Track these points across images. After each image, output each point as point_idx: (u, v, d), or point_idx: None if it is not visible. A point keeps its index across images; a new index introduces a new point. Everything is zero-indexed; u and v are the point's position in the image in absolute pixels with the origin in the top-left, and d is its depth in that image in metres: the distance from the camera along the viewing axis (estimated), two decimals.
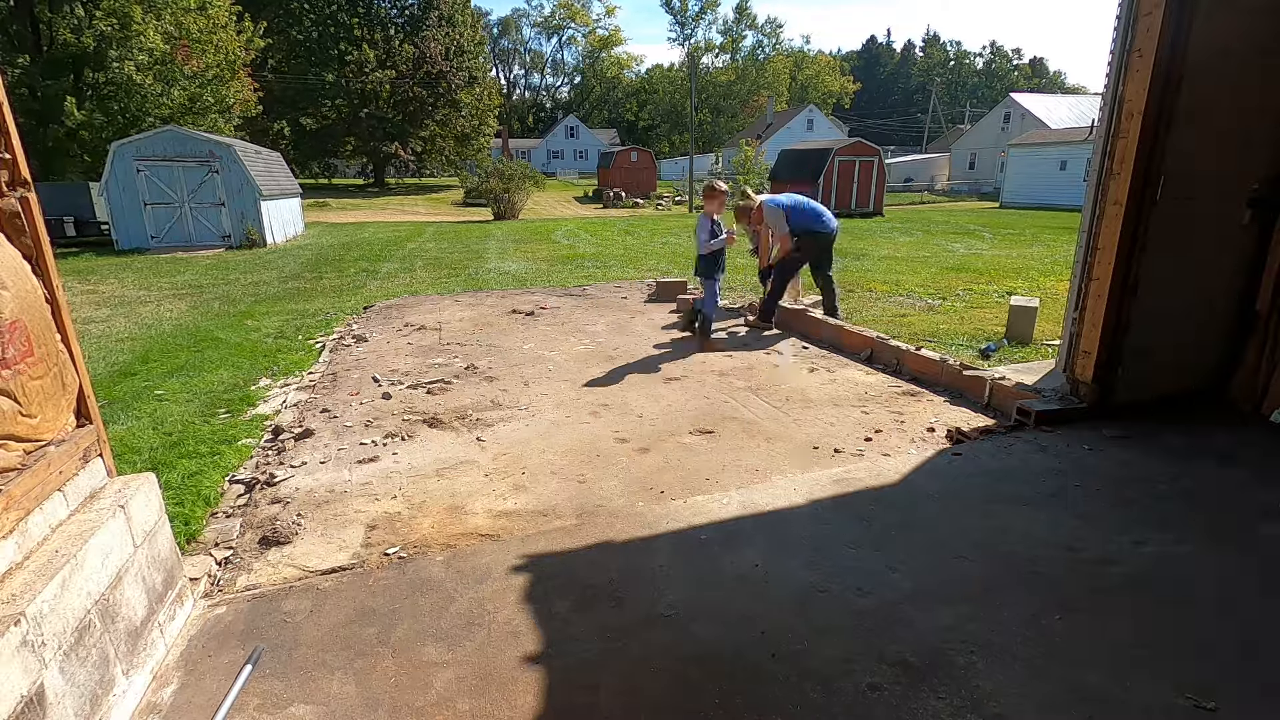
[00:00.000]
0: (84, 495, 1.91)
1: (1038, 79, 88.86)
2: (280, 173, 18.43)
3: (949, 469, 3.23)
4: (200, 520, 2.88)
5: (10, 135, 1.71)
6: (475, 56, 43.01)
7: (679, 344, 5.72)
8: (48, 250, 1.84)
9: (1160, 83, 3.18)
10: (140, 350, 5.92)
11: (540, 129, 75.35)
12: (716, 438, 3.69)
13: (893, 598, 2.25)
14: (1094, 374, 3.65)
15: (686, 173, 34.66)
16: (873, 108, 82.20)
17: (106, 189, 14.40)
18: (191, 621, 2.21)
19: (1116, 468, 3.18)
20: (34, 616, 1.47)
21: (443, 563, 2.52)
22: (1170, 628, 2.09)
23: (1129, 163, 3.31)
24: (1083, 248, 3.66)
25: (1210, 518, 2.73)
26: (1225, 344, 3.83)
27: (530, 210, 27.57)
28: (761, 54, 74.88)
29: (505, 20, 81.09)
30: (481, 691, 1.89)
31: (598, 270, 10.52)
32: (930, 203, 33.18)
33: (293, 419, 4.07)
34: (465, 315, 7.00)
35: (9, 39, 19.34)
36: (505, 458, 3.47)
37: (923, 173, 45.64)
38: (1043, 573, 2.38)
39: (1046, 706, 1.79)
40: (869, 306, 7.30)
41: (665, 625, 2.15)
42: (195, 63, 21.05)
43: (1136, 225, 3.40)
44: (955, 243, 14.02)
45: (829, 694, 1.85)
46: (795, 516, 2.81)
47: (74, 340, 1.93)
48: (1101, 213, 3.49)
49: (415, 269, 11.15)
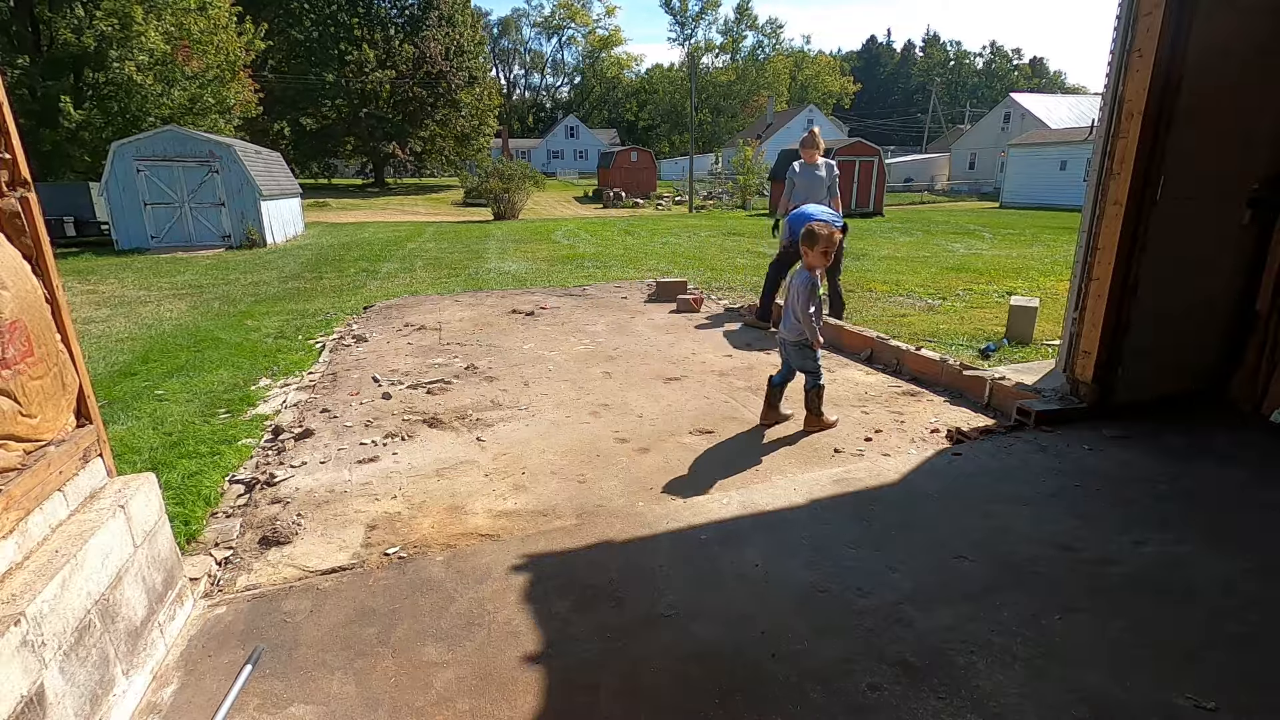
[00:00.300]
0: (84, 495, 1.91)
1: (1038, 79, 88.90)
2: (280, 173, 18.44)
3: (949, 469, 3.23)
4: (200, 520, 2.88)
5: (10, 135, 1.71)
6: (475, 56, 43.04)
7: (679, 344, 5.72)
8: (48, 250, 1.84)
9: (1160, 83, 3.18)
10: (140, 350, 5.92)
11: (540, 129, 75.36)
12: (716, 438, 3.69)
13: (893, 598, 2.25)
14: (1094, 374, 3.65)
15: (686, 173, 34.66)
16: (873, 108, 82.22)
17: (106, 189, 14.41)
18: (191, 621, 2.21)
19: (1116, 468, 3.18)
20: (34, 616, 1.47)
21: (443, 563, 2.52)
22: (1170, 628, 2.09)
23: (1129, 163, 3.31)
24: (1083, 248, 3.65)
25: (1210, 518, 2.73)
26: (1225, 344, 3.83)
27: (530, 210, 27.57)
28: (761, 54, 74.92)
29: (505, 20, 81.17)
30: (481, 691, 1.89)
31: (598, 270, 10.52)
32: (930, 203, 33.18)
33: (293, 419, 4.07)
34: (465, 315, 7.00)
35: (9, 39, 19.34)
36: (505, 458, 3.47)
37: (923, 173, 45.64)
38: (1043, 573, 2.38)
39: (1046, 706, 1.79)
40: (869, 306, 7.30)
41: (665, 625, 2.15)
42: (196, 63, 21.06)
43: (1136, 225, 3.40)
44: (955, 243, 14.02)
45: (829, 694, 1.85)
46: (795, 516, 2.81)
47: (74, 340, 1.93)
48: (1101, 213, 3.49)
49: (415, 269, 11.15)
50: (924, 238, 15.16)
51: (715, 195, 35.13)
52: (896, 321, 6.54)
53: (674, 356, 5.33)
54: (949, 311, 7.04)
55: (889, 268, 10.33)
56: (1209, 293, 3.69)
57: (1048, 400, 3.76)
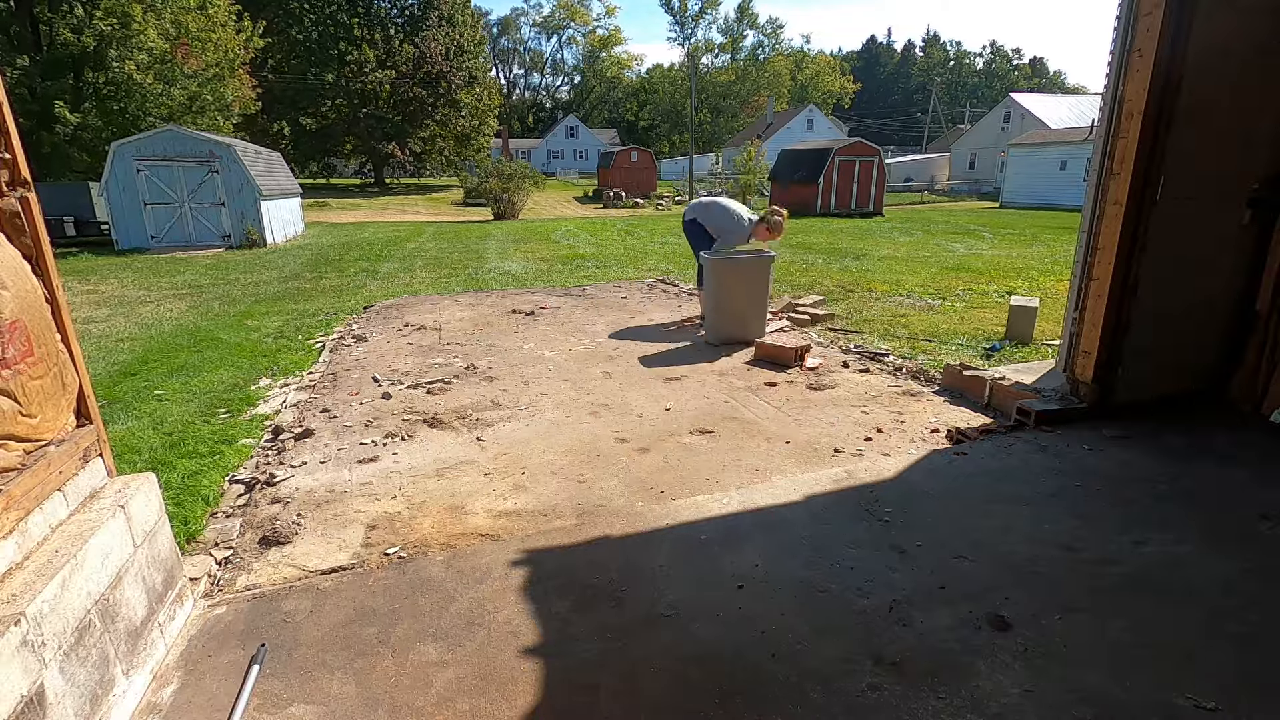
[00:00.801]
0: (84, 495, 1.91)
1: (1038, 79, 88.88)
2: (280, 173, 18.43)
3: (949, 469, 3.23)
4: (200, 520, 2.88)
5: (10, 135, 1.71)
6: (475, 56, 43.02)
7: (679, 344, 5.72)
8: (48, 250, 1.84)
9: (1160, 83, 3.18)
10: (140, 350, 5.92)
11: (540, 129, 75.33)
12: (716, 438, 3.69)
13: (893, 597, 2.25)
14: (1094, 374, 3.65)
15: (686, 173, 34.65)
16: (873, 108, 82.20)
17: (106, 189, 14.40)
18: (191, 621, 2.21)
19: (1116, 468, 3.18)
20: (34, 616, 1.47)
21: (443, 563, 2.52)
22: (1170, 628, 2.09)
23: (1129, 163, 3.31)
24: (1083, 248, 3.66)
25: (1210, 518, 2.73)
26: (1225, 344, 3.83)
27: (530, 210, 27.56)
28: (762, 54, 74.87)
29: (505, 20, 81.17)
30: (481, 691, 1.89)
31: (598, 270, 10.52)
32: (930, 203, 33.18)
33: (293, 419, 4.07)
34: (465, 315, 7.00)
35: (9, 39, 19.33)
36: (505, 458, 3.47)
37: (923, 173, 45.63)
38: (1043, 573, 2.38)
39: (1046, 706, 1.79)
40: (869, 306, 7.30)
41: (665, 625, 2.15)
42: (194, 61, 21.06)
43: (1136, 225, 3.40)
44: (955, 243, 14.02)
45: (829, 694, 1.85)
46: (795, 516, 2.81)
47: (74, 340, 1.93)
48: (1101, 213, 3.49)
49: (415, 269, 11.15)
50: (924, 238, 15.15)
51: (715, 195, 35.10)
52: (896, 321, 6.54)
53: (674, 356, 5.33)
54: (949, 311, 7.03)
55: (889, 268, 10.33)
56: (1209, 293, 3.69)
57: (1048, 400, 3.76)
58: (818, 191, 24.80)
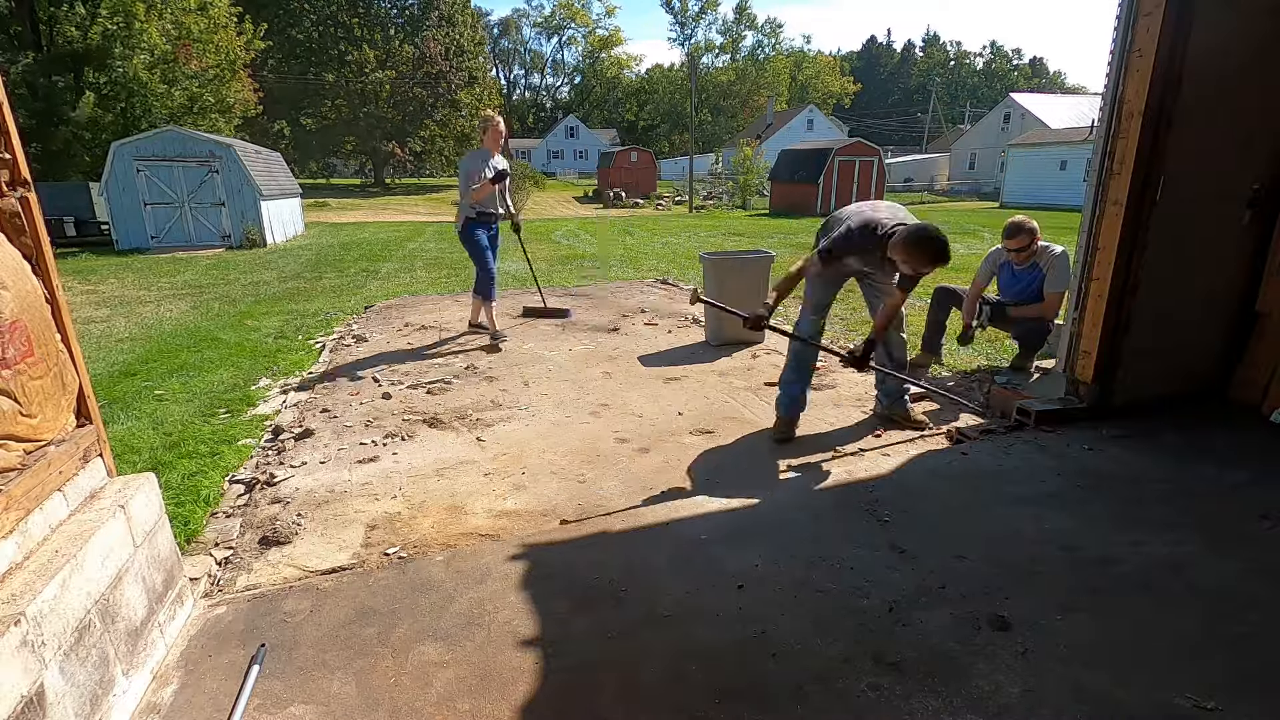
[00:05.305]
0: (84, 495, 1.91)
1: (1038, 79, 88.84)
2: (280, 173, 18.42)
3: (949, 469, 3.23)
4: (200, 520, 2.88)
5: (10, 135, 1.71)
6: (475, 56, 43.06)
7: (679, 344, 5.72)
8: (48, 250, 1.84)
9: (1160, 83, 3.17)
10: (140, 350, 5.92)
11: (540, 129, 75.27)
12: (716, 438, 3.69)
13: (893, 597, 2.25)
14: (1094, 374, 3.65)
15: (686, 173, 34.65)
16: (873, 108, 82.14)
17: (106, 189, 14.39)
18: (192, 621, 2.21)
19: (1116, 468, 3.17)
20: (34, 616, 1.47)
21: (443, 563, 2.52)
22: (1170, 627, 2.09)
23: (1129, 163, 3.31)
24: (1083, 248, 3.65)
25: (1210, 518, 2.72)
26: (1225, 344, 3.83)
27: (530, 210, 27.55)
28: (761, 54, 74.85)
29: (505, 20, 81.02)
30: (481, 691, 1.89)
31: (598, 270, 10.52)
32: (930, 203, 33.16)
33: (293, 419, 4.07)
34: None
35: (10, 38, 19.34)
36: (505, 458, 3.47)
37: (923, 173, 45.61)
38: (1043, 573, 2.38)
39: (1046, 706, 1.79)
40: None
41: (665, 625, 2.15)
42: (196, 63, 21.07)
43: (1136, 225, 3.40)
44: (955, 242, 13.93)
45: (829, 694, 1.85)
46: (795, 516, 2.81)
47: (74, 340, 1.93)
48: (1101, 213, 3.49)
49: (415, 269, 11.15)
50: None
51: (715, 195, 35.14)
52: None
53: (674, 356, 5.33)
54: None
55: None
56: (1209, 293, 3.69)
57: (1048, 400, 3.76)
58: (818, 191, 24.82)
